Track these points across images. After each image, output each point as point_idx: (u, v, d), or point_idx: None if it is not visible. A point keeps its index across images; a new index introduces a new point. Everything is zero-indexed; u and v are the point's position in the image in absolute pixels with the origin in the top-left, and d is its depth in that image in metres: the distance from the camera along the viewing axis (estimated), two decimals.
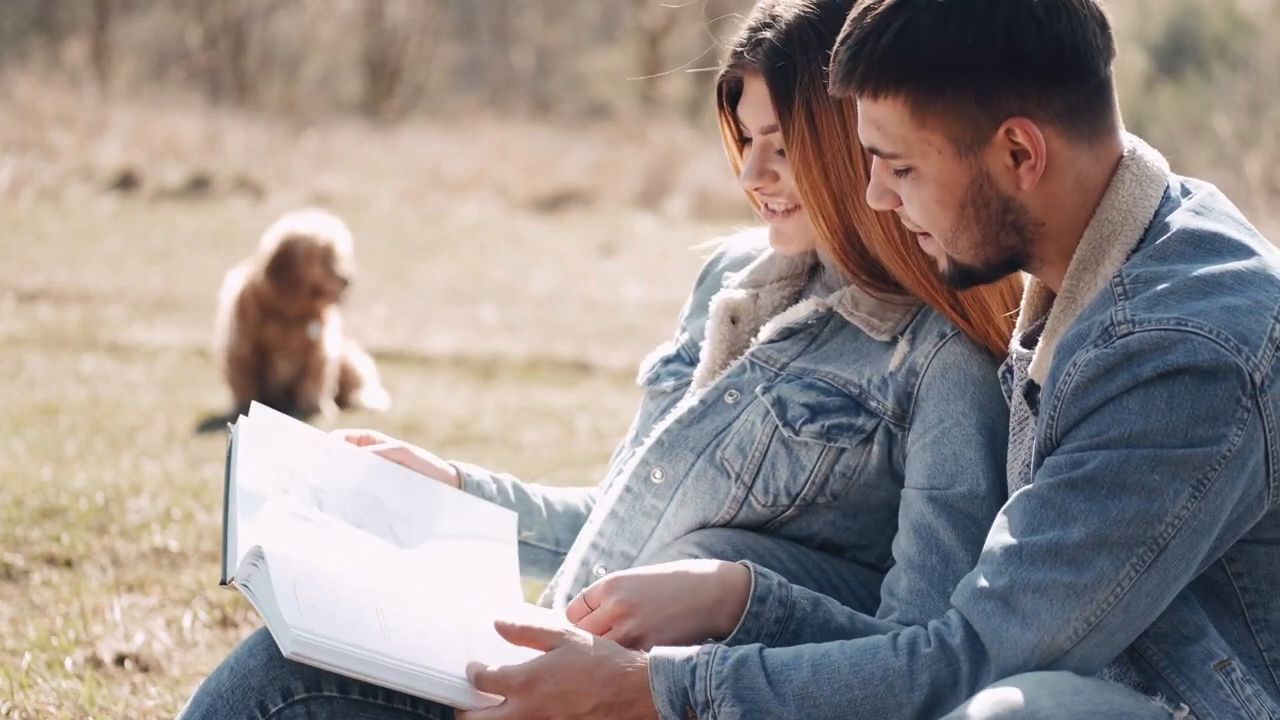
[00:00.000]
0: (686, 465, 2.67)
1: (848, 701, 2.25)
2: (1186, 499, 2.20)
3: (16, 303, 10.96)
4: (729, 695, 2.27)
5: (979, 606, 2.25)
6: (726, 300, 2.78)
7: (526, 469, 6.53)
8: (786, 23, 2.60)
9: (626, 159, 19.04)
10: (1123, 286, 2.28)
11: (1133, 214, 2.33)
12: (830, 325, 2.70)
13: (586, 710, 2.31)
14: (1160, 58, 21.41)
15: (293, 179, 17.52)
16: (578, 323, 11.16)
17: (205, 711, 2.52)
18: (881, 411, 2.60)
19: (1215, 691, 2.28)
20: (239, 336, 7.91)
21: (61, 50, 22.76)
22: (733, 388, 2.69)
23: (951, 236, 2.37)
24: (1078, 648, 2.22)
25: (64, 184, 16.53)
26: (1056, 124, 2.31)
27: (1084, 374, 2.24)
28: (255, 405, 2.64)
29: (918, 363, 2.60)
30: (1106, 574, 2.20)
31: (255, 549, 2.35)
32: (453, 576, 2.58)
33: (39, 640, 4.16)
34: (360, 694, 2.51)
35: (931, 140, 2.32)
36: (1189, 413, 2.19)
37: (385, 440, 2.78)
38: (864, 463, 2.61)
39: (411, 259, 13.81)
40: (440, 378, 9.24)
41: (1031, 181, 2.32)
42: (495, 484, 2.85)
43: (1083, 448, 2.23)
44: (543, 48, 26.95)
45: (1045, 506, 2.24)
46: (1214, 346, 2.19)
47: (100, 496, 5.40)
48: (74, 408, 7.68)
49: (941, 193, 2.34)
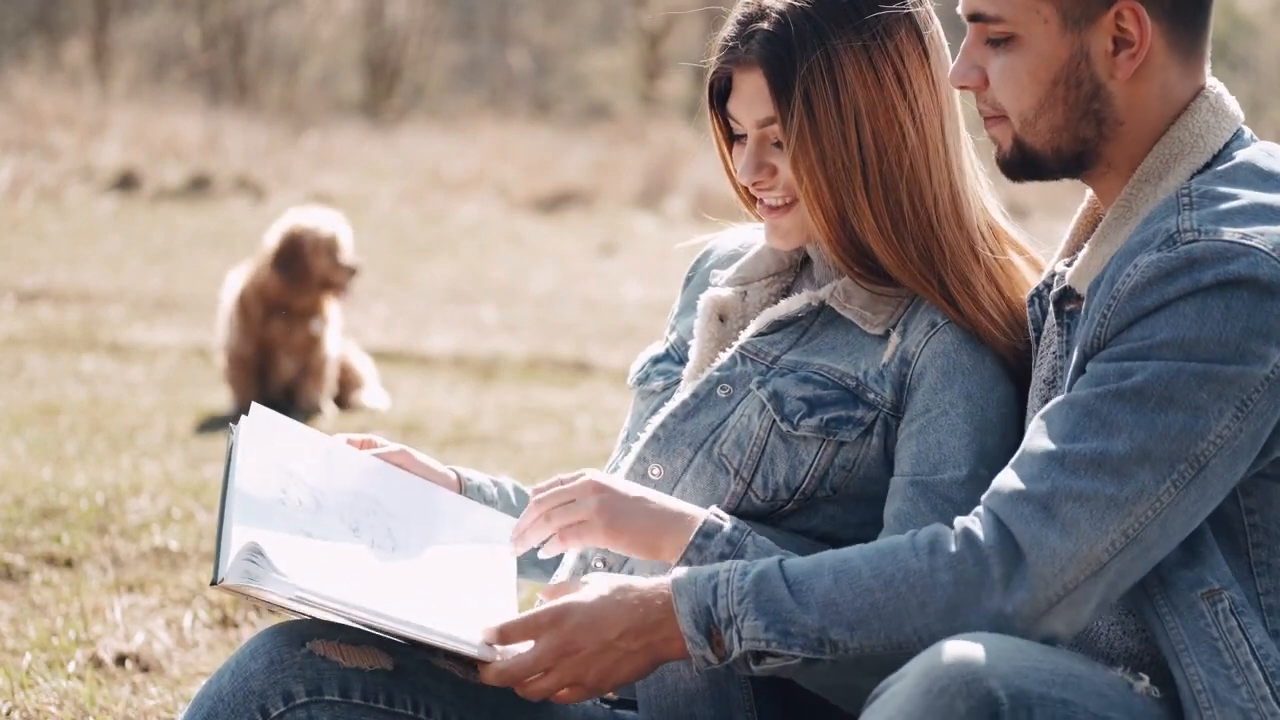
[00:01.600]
0: (685, 461, 2.66)
1: (869, 605, 2.24)
2: (1230, 419, 2.20)
3: (16, 303, 10.96)
4: (751, 609, 2.26)
5: (1017, 509, 2.23)
6: (714, 298, 2.77)
7: (526, 469, 6.53)
8: (778, 12, 2.59)
9: (626, 159, 19.05)
10: (1189, 198, 2.29)
11: (1204, 138, 2.35)
12: (820, 319, 2.70)
13: (615, 635, 2.31)
14: None
15: (293, 179, 17.52)
16: (578, 323, 11.16)
17: (206, 714, 2.51)
18: (880, 403, 2.60)
19: (1195, 620, 2.27)
20: (241, 335, 7.91)
21: (61, 50, 22.76)
22: (725, 381, 2.69)
23: (1033, 116, 2.37)
24: (1115, 560, 2.21)
25: (64, 184, 16.53)
26: (1163, 22, 2.33)
27: (1144, 275, 2.23)
28: (255, 406, 2.64)
29: (909, 352, 2.60)
30: (1148, 488, 2.20)
31: (251, 545, 2.35)
32: (449, 583, 2.58)
33: (39, 640, 4.16)
34: (361, 698, 2.50)
35: (1041, 8, 2.33)
36: (1244, 325, 2.19)
37: (386, 444, 2.78)
38: (863, 455, 2.60)
39: (411, 259, 13.81)
40: (440, 378, 9.24)
41: (1127, 71, 2.33)
42: (496, 487, 2.85)
43: (1132, 353, 2.23)
44: (543, 48, 26.95)
45: (1089, 415, 2.23)
46: (1275, 263, 2.20)
47: (100, 496, 5.40)
48: (74, 408, 7.68)
49: (1037, 65, 2.34)
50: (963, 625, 2.20)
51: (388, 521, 2.62)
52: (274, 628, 2.52)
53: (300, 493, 2.56)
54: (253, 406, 2.64)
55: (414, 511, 2.68)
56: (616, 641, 2.31)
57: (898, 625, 2.23)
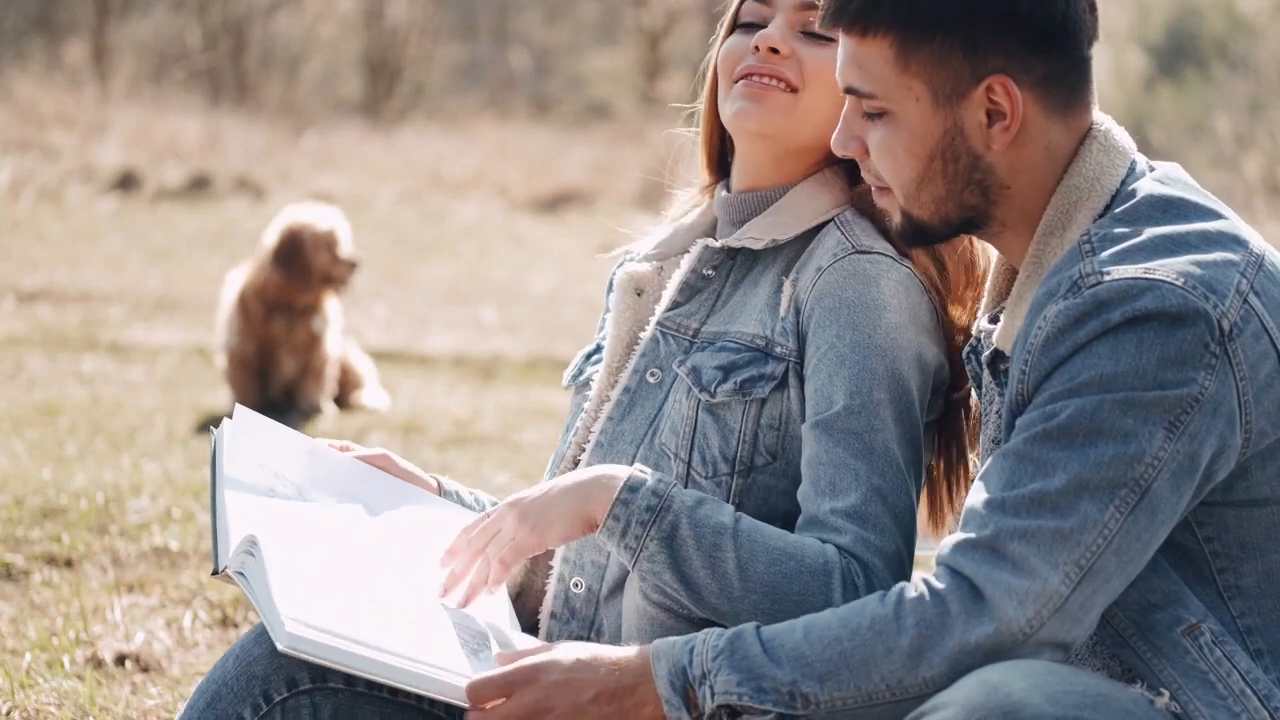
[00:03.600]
0: (628, 460, 2.66)
1: (838, 654, 2.25)
2: (1162, 439, 2.20)
3: (17, 303, 10.96)
4: (725, 665, 2.27)
5: (966, 555, 2.24)
6: (631, 272, 2.77)
7: (526, 469, 6.54)
8: None
9: (626, 159, 19.04)
10: (1090, 245, 2.30)
11: (1099, 181, 2.36)
12: (731, 278, 2.69)
13: (588, 699, 2.31)
14: (1160, 58, 21.39)
15: (293, 179, 17.51)
16: (578, 323, 11.16)
17: (210, 699, 2.52)
18: (787, 355, 2.59)
19: (1182, 658, 2.28)
20: (241, 335, 7.90)
21: (61, 50, 22.76)
22: (652, 366, 2.69)
23: (914, 189, 2.38)
24: (1075, 593, 2.20)
25: (64, 184, 16.52)
26: (1035, 90, 2.34)
27: (1054, 325, 2.25)
28: (238, 408, 2.65)
29: (800, 299, 2.59)
30: (1092, 517, 2.20)
31: (249, 537, 2.35)
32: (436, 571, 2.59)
33: (39, 640, 4.17)
34: (365, 687, 2.51)
35: (912, 86, 2.34)
36: (1158, 355, 2.20)
37: (365, 449, 2.78)
38: (785, 410, 2.59)
39: (411, 259, 13.81)
40: (440, 378, 9.24)
41: (1003, 143, 2.34)
42: (472, 495, 2.85)
43: (1055, 397, 2.24)
44: (543, 48, 26.95)
45: (1023, 461, 2.24)
46: (1181, 293, 2.21)
47: (100, 496, 5.40)
48: (74, 408, 7.68)
49: (912, 141, 2.36)
50: (928, 668, 2.21)
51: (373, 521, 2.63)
52: None
53: (286, 489, 2.58)
54: (236, 409, 2.65)
55: (398, 513, 2.69)
56: (589, 705, 2.31)
57: (866, 674, 2.24)
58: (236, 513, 2.45)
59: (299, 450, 2.67)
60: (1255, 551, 2.32)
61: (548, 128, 21.24)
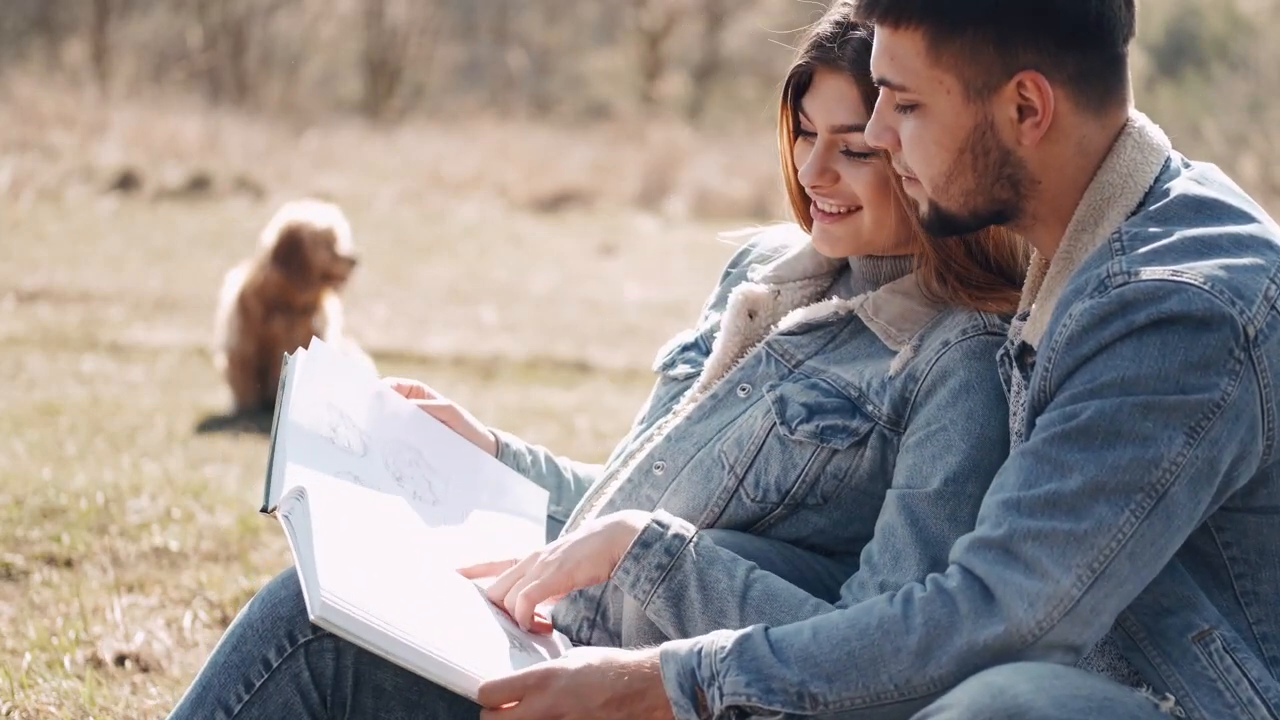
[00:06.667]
0: (686, 458, 2.68)
1: (846, 654, 2.26)
2: (1182, 445, 2.20)
3: (16, 303, 10.96)
4: (733, 666, 2.28)
5: (978, 555, 2.24)
6: (747, 293, 2.78)
7: None
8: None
9: (626, 159, 19.04)
10: (1120, 243, 2.30)
11: (1133, 178, 2.35)
12: (849, 328, 2.70)
13: (598, 704, 2.32)
14: (1160, 58, 21.40)
15: (293, 179, 17.51)
16: (578, 323, 11.15)
17: (236, 641, 2.58)
18: (876, 416, 2.60)
19: (1191, 664, 2.28)
20: (242, 335, 7.90)
21: (61, 50, 22.76)
22: (745, 381, 2.70)
23: (944, 182, 2.38)
24: (1087, 596, 2.21)
25: (64, 184, 16.52)
26: (1067, 86, 2.34)
27: (1079, 323, 2.25)
28: (315, 340, 2.68)
29: (919, 369, 2.59)
30: (1106, 520, 2.20)
31: (299, 488, 2.37)
32: (484, 553, 2.63)
33: (39, 640, 4.16)
34: None
35: (943, 79, 2.34)
36: (1181, 359, 2.20)
37: (435, 396, 2.82)
38: (855, 466, 2.60)
39: (411, 259, 13.81)
40: (440, 378, 9.24)
41: (1033, 139, 2.34)
42: (530, 455, 2.90)
43: (1076, 397, 2.24)
44: (542, 48, 26.95)
45: (1041, 461, 2.24)
46: (1208, 297, 2.21)
47: (100, 496, 5.39)
48: (74, 408, 7.67)
49: (942, 134, 2.36)
50: (936, 667, 2.22)
51: (429, 475, 2.68)
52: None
53: (349, 434, 2.61)
54: (312, 340, 2.68)
55: (454, 471, 2.74)
56: (599, 710, 2.32)
57: (874, 674, 2.24)
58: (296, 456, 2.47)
59: (368, 392, 2.70)
60: (1274, 558, 2.32)
61: (548, 128, 21.23)
